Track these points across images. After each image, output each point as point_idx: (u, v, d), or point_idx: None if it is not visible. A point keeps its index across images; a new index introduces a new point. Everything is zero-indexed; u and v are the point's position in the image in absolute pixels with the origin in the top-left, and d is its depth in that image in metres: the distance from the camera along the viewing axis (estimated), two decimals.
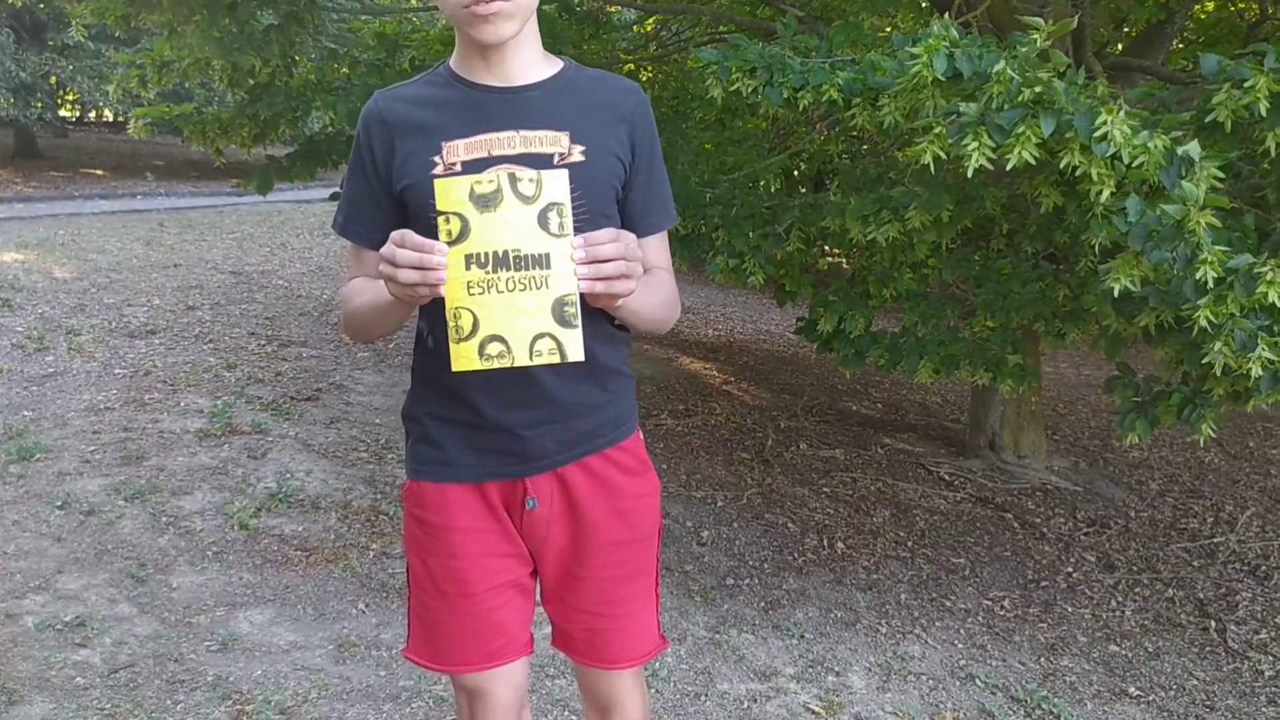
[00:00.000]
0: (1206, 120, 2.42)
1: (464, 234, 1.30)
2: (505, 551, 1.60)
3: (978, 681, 3.34)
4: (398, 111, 1.50)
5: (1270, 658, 3.75)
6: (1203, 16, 6.01)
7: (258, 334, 6.60)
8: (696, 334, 8.59)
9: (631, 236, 1.38)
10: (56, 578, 3.31)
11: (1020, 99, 2.29)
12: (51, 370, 5.42)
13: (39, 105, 16.05)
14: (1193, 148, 2.23)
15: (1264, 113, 2.33)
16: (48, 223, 10.76)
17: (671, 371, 7.11)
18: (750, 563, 4.14)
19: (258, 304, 7.54)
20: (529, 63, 1.50)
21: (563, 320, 1.32)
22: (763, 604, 3.77)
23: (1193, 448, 6.28)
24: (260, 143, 5.51)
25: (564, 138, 1.46)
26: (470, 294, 1.31)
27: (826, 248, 4.81)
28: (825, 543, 4.44)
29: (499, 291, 1.31)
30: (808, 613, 3.74)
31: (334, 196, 5.88)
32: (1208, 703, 3.43)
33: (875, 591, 4.00)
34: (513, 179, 1.30)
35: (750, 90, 2.82)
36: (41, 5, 16.03)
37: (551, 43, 4.07)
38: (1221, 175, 2.32)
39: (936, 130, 2.39)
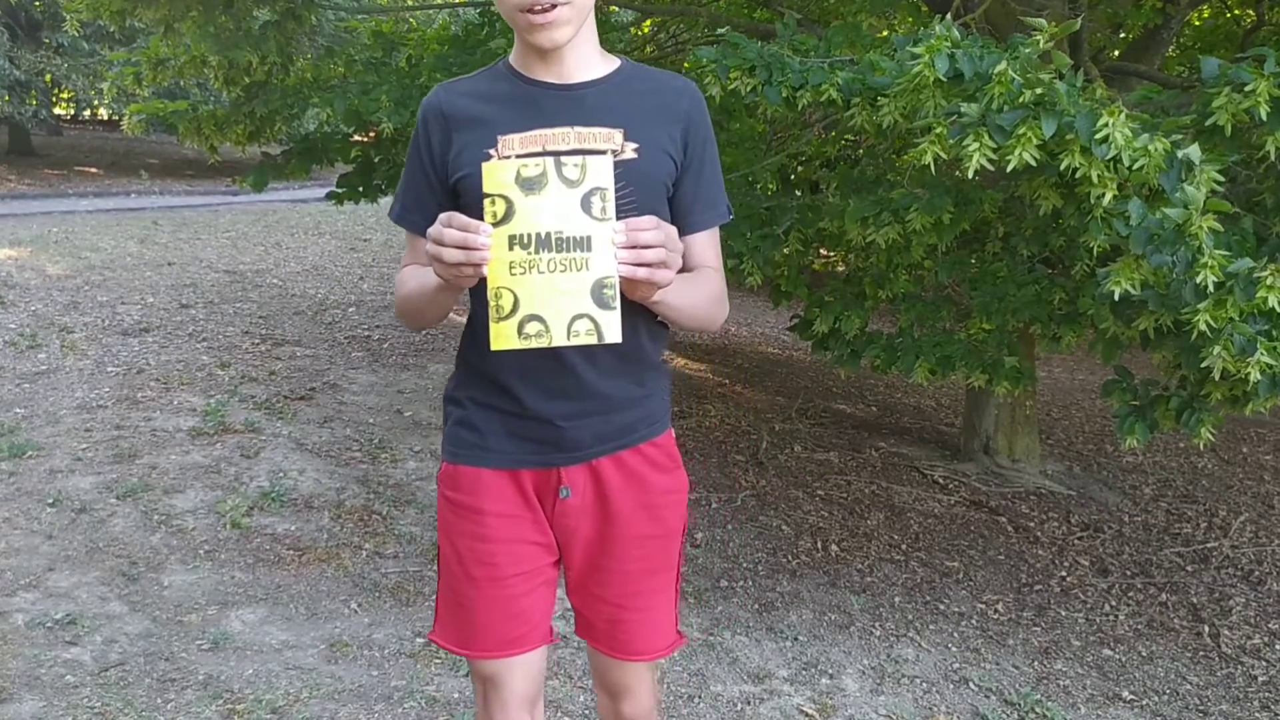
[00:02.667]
0: (1207, 124, 2.42)
1: (508, 216, 1.33)
2: (534, 539, 1.62)
3: (971, 685, 3.33)
4: (456, 105, 1.54)
5: (1264, 663, 3.75)
6: (1198, 23, 6.03)
7: (251, 333, 6.58)
8: (690, 336, 8.58)
9: (672, 229, 1.40)
10: (47, 575, 3.29)
11: (1021, 100, 2.29)
12: (44, 368, 5.40)
13: (34, 103, 15.99)
14: (1193, 151, 2.22)
15: (1264, 117, 2.33)
16: (41, 220, 10.72)
17: None
18: (744, 565, 4.13)
19: (252, 303, 7.52)
20: (586, 61, 1.53)
21: (601, 302, 1.34)
22: (757, 606, 3.76)
23: (1186, 453, 6.28)
24: (255, 141, 5.49)
25: (618, 135, 1.50)
26: (512, 274, 1.33)
27: (822, 250, 4.81)
28: (819, 545, 4.43)
29: (540, 272, 1.33)
30: (801, 615, 3.73)
31: (330, 196, 5.87)
32: (1201, 707, 3.42)
33: (869, 594, 4.00)
34: (558, 163, 1.33)
35: (749, 89, 2.81)
36: (37, 3, 15.99)
37: None
38: (1221, 179, 2.32)
39: (937, 131, 2.38)
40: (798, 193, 5.69)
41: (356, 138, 5.70)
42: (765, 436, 5.82)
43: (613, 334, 1.34)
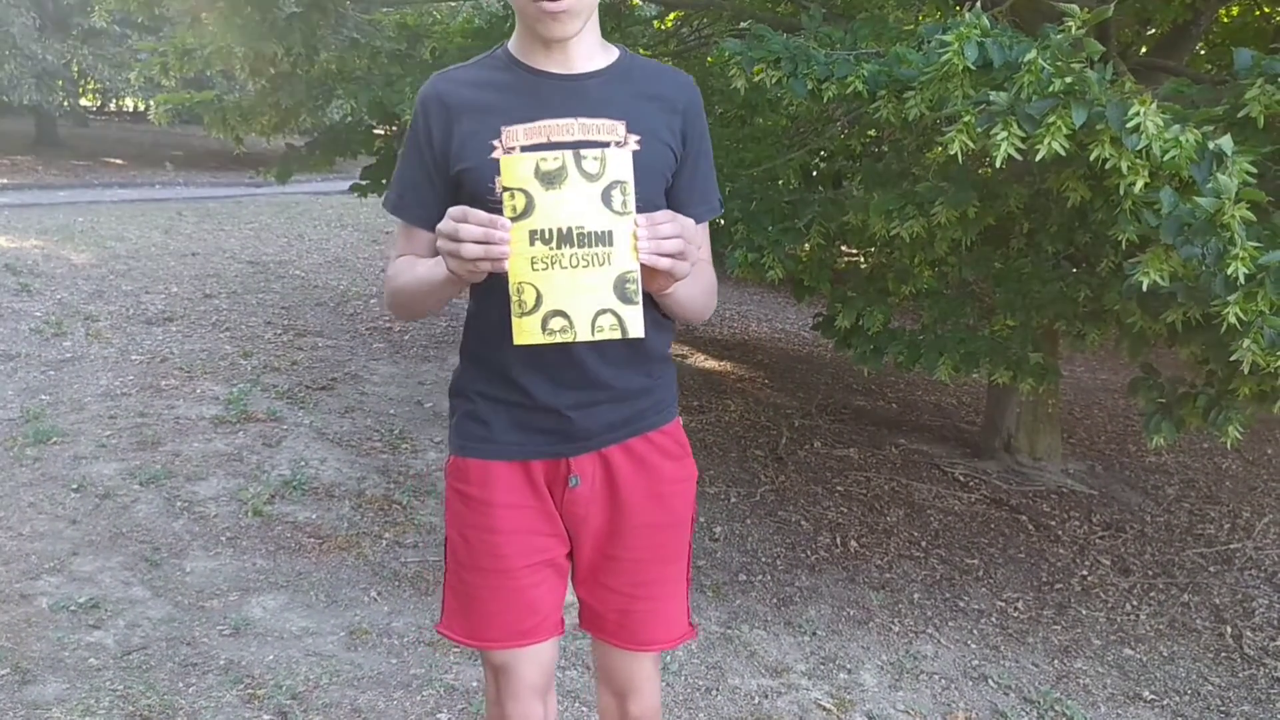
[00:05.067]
0: (1239, 115, 2.39)
1: (528, 210, 1.31)
2: (544, 530, 1.62)
3: (990, 682, 3.31)
4: (457, 94, 1.52)
5: None
6: (1226, 20, 5.97)
7: (274, 323, 6.62)
8: (710, 331, 8.57)
9: (688, 220, 1.40)
10: (71, 560, 3.31)
11: (1051, 89, 2.27)
12: (69, 355, 5.44)
13: (61, 92, 16.10)
14: (1225, 142, 2.19)
15: None
16: (67, 210, 10.81)
17: (685, 368, 7.09)
18: (763, 559, 4.12)
19: (274, 294, 7.56)
20: (588, 51, 1.53)
21: (624, 297, 1.33)
22: (775, 600, 3.75)
23: (1210, 453, 6.23)
24: (280, 131, 5.52)
25: (620, 126, 1.49)
26: (534, 269, 1.32)
27: (844, 247, 4.78)
28: (838, 541, 4.42)
29: (562, 267, 1.32)
30: (820, 610, 3.72)
31: (354, 188, 5.90)
32: (1223, 709, 3.39)
33: (888, 590, 3.98)
34: (578, 156, 1.31)
35: (774, 82, 2.79)
36: None
37: None
38: (1252, 170, 2.29)
39: (965, 119, 2.36)
40: (820, 188, 5.67)
41: (379, 129, 5.71)
42: (785, 432, 5.80)
43: (636, 328, 1.34)
